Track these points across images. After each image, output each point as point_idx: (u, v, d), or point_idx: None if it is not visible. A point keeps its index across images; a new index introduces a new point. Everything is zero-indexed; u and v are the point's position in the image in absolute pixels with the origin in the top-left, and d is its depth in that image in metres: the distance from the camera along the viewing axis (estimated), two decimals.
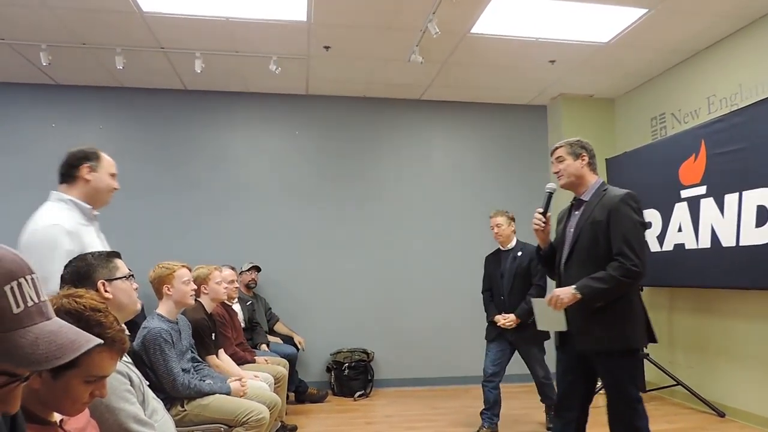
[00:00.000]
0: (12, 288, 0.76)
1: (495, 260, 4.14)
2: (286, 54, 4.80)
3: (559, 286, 2.68)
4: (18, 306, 0.76)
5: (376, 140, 5.99)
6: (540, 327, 2.82)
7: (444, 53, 4.82)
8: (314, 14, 4.13)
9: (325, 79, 5.46)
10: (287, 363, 4.23)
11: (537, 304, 2.77)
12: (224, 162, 5.71)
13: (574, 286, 2.52)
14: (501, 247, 4.10)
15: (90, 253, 1.83)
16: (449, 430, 4.22)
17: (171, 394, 2.68)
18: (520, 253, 4.02)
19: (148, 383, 1.77)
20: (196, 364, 3.05)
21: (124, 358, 1.62)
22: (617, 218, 2.51)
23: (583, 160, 2.70)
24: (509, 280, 4.00)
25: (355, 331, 5.70)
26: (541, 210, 2.77)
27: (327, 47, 4.69)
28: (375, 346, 5.65)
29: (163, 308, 2.80)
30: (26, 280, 0.78)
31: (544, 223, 2.78)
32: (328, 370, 5.47)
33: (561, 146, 2.78)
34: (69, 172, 2.47)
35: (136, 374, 1.65)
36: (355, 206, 5.85)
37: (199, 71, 4.80)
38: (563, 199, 3.02)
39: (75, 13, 4.05)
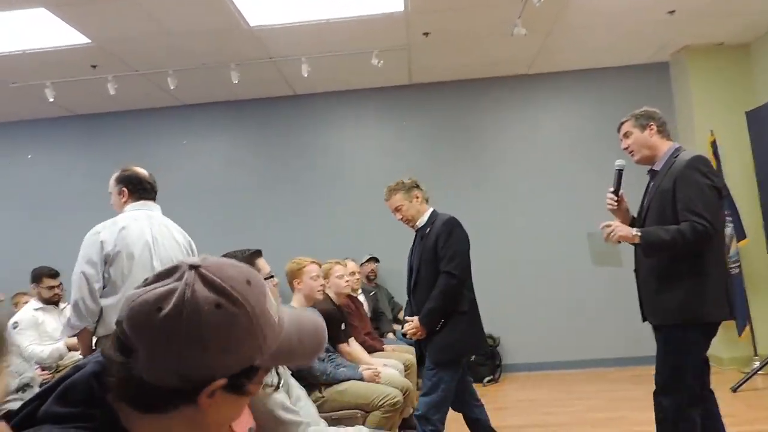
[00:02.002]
0: (269, 300, 0.78)
1: (413, 247, 3.33)
2: (387, 46, 4.84)
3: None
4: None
5: (484, 120, 5.87)
6: (594, 263, 2.70)
7: (548, 21, 4.59)
8: (410, 3, 4.12)
9: (427, 65, 5.44)
10: (414, 350, 4.29)
11: (591, 237, 2.63)
12: (338, 160, 5.91)
13: (636, 228, 2.42)
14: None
15: (240, 250, 1.98)
16: (590, 415, 4.03)
17: (309, 381, 2.83)
18: (428, 230, 3.10)
19: (290, 372, 1.87)
20: (329, 353, 3.20)
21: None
22: (682, 184, 2.34)
23: (651, 129, 2.54)
24: (416, 269, 3.12)
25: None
26: (612, 189, 2.64)
27: (426, 33, 4.67)
28: (500, 331, 5.55)
29: (296, 301, 2.97)
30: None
31: (616, 202, 2.63)
32: None
33: (626, 120, 2.64)
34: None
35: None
36: (468, 190, 5.78)
37: (306, 75, 4.99)
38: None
39: (193, 36, 4.38)
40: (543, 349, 5.58)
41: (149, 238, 2.73)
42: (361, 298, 4.68)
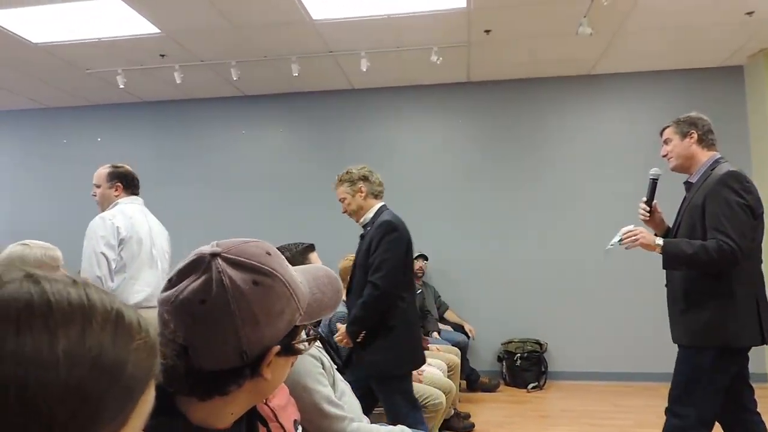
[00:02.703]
0: (288, 264, 0.88)
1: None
2: (447, 43, 4.80)
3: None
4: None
5: (542, 120, 5.73)
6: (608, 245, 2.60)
7: (616, 20, 4.42)
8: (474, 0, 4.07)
9: (486, 63, 5.36)
10: (459, 351, 4.27)
11: (620, 232, 2.52)
12: (391, 155, 5.92)
13: (660, 238, 2.37)
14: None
15: (294, 244, 2.02)
16: (639, 430, 3.90)
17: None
18: (368, 230, 2.86)
19: (336, 366, 1.89)
20: None
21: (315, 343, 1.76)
22: (711, 201, 2.25)
23: (691, 138, 2.43)
24: (352, 273, 2.90)
25: (526, 320, 5.54)
26: (645, 199, 2.56)
27: (487, 31, 4.59)
28: (548, 336, 5.44)
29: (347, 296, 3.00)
30: None
31: (649, 212, 2.56)
32: (499, 359, 5.40)
33: (668, 126, 2.53)
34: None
35: (327, 358, 1.79)
36: (524, 191, 5.67)
37: (365, 70, 5.01)
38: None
39: (257, 29, 4.48)
40: (590, 359, 5.42)
41: (147, 228, 3.11)
42: None
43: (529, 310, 5.57)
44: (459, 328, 5.24)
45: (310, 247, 2.03)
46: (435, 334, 4.75)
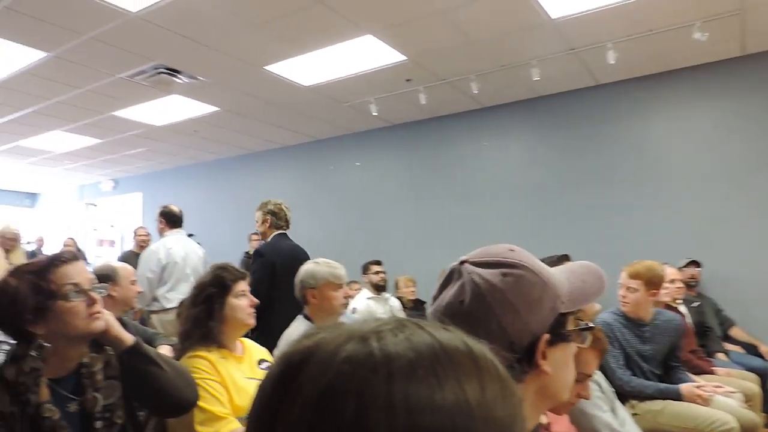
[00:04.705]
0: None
1: None
2: (712, 15, 4.13)
3: None
4: None
5: None
6: None
7: None
8: None
9: (766, 30, 4.46)
10: (757, 378, 3.55)
11: None
12: (643, 149, 5.32)
13: None
14: None
15: (546, 258, 1.94)
16: None
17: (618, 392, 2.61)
18: None
19: (613, 390, 1.73)
20: None
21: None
22: None
23: None
24: None
25: None
26: None
27: None
28: None
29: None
30: None
31: None
32: None
33: None
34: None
35: (605, 381, 1.64)
36: None
37: (612, 62, 4.62)
38: None
39: (495, 40, 4.48)
40: None
41: (183, 254, 4.20)
42: (683, 309, 4.09)
43: None
44: (751, 348, 4.38)
45: (564, 258, 1.91)
46: (720, 355, 4.05)
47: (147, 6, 3.83)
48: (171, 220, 4.42)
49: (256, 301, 2.01)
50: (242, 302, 1.95)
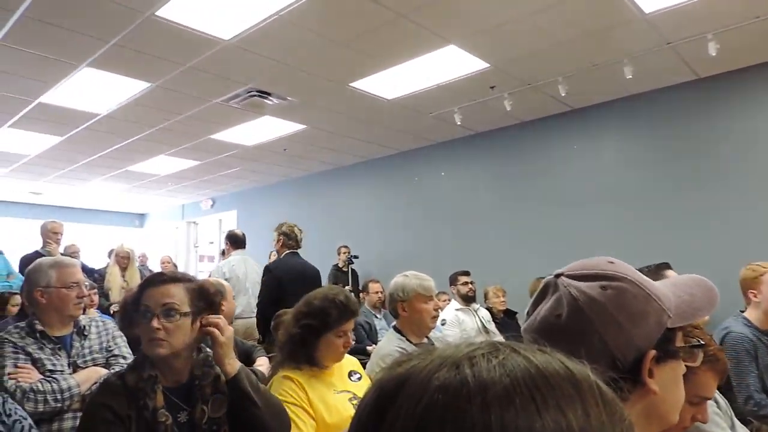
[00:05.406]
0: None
1: None
2: None
3: None
4: None
5: None
6: None
7: None
8: None
9: None
10: None
11: None
12: (751, 146, 4.87)
13: None
14: None
15: (644, 267, 1.83)
16: None
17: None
18: None
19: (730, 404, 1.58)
20: None
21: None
22: None
23: None
24: None
25: None
26: None
27: None
28: None
29: (751, 314, 2.56)
30: None
31: None
32: None
33: None
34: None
35: (721, 398, 1.50)
36: None
37: (714, 54, 4.30)
38: None
39: (584, 39, 4.31)
40: None
41: (244, 271, 4.92)
42: None
43: None
44: None
45: (663, 265, 1.79)
46: None
47: (239, 33, 4.06)
48: (235, 242, 5.14)
49: (352, 343, 1.99)
50: (338, 342, 1.93)
